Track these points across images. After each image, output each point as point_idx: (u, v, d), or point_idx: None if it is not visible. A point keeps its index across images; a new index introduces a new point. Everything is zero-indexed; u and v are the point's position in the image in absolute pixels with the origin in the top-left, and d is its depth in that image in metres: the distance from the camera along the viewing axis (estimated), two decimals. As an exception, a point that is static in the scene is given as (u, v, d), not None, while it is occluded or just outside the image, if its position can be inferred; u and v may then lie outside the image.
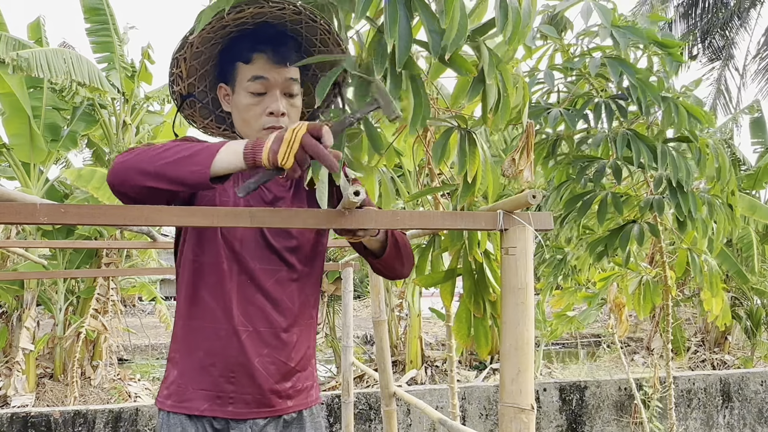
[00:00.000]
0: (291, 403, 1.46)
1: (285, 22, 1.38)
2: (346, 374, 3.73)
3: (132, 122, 7.90)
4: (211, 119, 1.55)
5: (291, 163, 1.03)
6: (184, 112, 1.52)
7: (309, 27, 1.38)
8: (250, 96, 1.38)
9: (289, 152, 1.03)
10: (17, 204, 0.92)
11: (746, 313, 9.25)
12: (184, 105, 1.49)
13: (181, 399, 1.41)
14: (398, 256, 1.44)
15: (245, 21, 1.35)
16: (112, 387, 7.70)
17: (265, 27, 1.37)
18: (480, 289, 1.59)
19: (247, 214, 1.03)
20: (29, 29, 7.58)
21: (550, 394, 5.99)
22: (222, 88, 1.45)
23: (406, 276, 1.53)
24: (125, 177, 1.18)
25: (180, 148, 1.16)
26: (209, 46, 1.40)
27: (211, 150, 1.12)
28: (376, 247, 1.41)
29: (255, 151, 1.08)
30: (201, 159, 1.11)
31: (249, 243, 1.41)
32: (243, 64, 1.38)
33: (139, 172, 1.16)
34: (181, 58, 1.38)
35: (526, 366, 1.08)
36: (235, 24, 1.35)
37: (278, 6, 1.30)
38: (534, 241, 1.10)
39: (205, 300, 1.40)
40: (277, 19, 1.36)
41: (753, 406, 6.36)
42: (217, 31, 1.35)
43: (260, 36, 1.37)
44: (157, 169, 1.14)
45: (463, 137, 1.39)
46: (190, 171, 1.11)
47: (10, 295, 7.50)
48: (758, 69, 11.93)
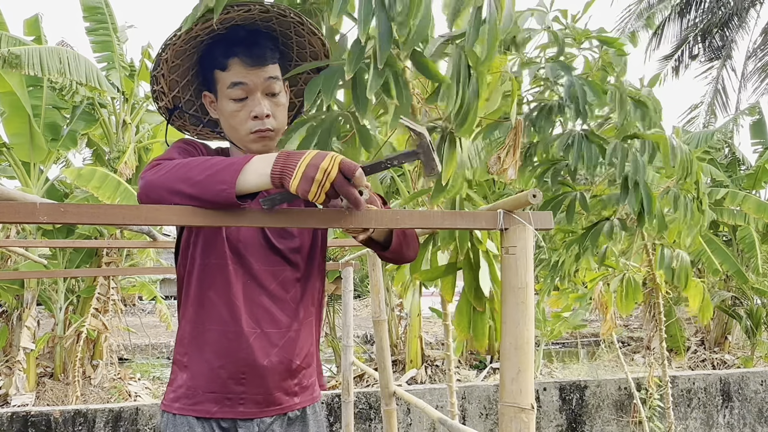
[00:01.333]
0: (297, 400, 1.48)
1: (255, 22, 1.36)
2: (346, 373, 3.73)
3: (132, 121, 7.90)
4: (203, 126, 1.55)
5: (322, 200, 1.02)
6: (175, 124, 1.52)
7: (280, 21, 1.37)
8: (232, 102, 1.37)
9: (321, 191, 1.01)
10: (17, 203, 0.92)
11: (746, 312, 9.25)
12: (173, 117, 1.49)
13: (191, 402, 1.41)
14: (405, 242, 1.44)
15: (213, 27, 1.33)
16: (113, 386, 7.71)
17: (236, 30, 1.36)
18: (480, 283, 1.60)
19: (247, 214, 1.03)
20: (26, 25, 7.53)
21: (550, 394, 5.99)
22: (206, 96, 1.44)
23: (414, 259, 1.52)
24: (157, 197, 1.16)
25: (205, 164, 1.13)
26: (185, 57, 1.39)
27: (236, 167, 1.08)
28: (384, 238, 1.41)
29: (283, 176, 1.04)
30: (226, 176, 1.07)
31: (252, 245, 1.42)
32: (220, 71, 1.37)
33: (169, 192, 1.14)
34: (159, 75, 1.38)
35: (526, 365, 1.08)
36: (206, 33, 1.34)
37: (245, 8, 1.30)
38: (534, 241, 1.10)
39: (213, 302, 1.40)
40: (246, 21, 1.35)
41: (753, 406, 6.36)
42: (188, 42, 1.34)
43: (232, 40, 1.35)
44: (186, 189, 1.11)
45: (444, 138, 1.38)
46: (215, 191, 1.07)
47: (11, 295, 7.49)
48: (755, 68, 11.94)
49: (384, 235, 1.40)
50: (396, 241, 1.40)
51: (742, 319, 9.19)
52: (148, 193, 1.18)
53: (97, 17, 7.54)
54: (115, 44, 7.60)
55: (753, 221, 8.18)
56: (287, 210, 1.08)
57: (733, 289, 9.27)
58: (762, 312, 9.13)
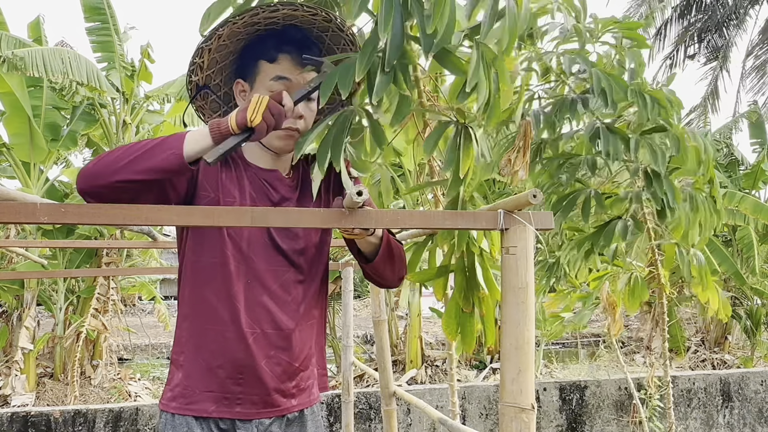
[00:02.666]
0: (295, 402, 1.48)
1: (312, 28, 1.39)
2: (346, 374, 3.73)
3: (132, 122, 7.89)
4: (220, 114, 1.56)
5: (259, 120, 1.16)
6: (196, 103, 1.52)
7: (334, 36, 1.40)
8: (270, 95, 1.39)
9: (257, 112, 1.16)
10: (17, 204, 0.92)
11: (746, 312, 9.25)
12: (197, 96, 1.50)
13: (188, 401, 1.41)
14: (390, 262, 1.45)
15: (276, 21, 1.36)
16: (112, 386, 7.70)
17: (292, 30, 1.38)
18: (471, 286, 1.60)
19: (249, 214, 1.03)
20: (29, 28, 7.57)
21: (550, 394, 5.99)
22: (239, 83, 1.45)
23: (395, 286, 1.55)
24: (97, 179, 1.20)
25: (146, 141, 1.23)
26: (235, 40, 1.40)
27: (179, 135, 1.21)
28: (369, 251, 1.41)
29: (220, 122, 1.18)
30: (172, 143, 1.19)
31: (257, 244, 1.41)
32: (267, 62, 1.39)
33: (112, 170, 1.19)
34: (205, 49, 1.39)
35: (526, 365, 1.09)
36: (266, 23, 1.36)
37: (311, 12, 1.32)
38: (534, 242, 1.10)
39: (211, 301, 1.40)
40: (306, 24, 1.38)
41: (753, 406, 6.36)
42: (247, 27, 1.36)
43: (287, 37, 1.38)
44: (130, 162, 1.18)
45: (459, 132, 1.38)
46: (164, 156, 1.18)
47: (10, 295, 7.49)
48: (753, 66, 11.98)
49: (371, 248, 1.40)
50: (381, 255, 1.40)
51: (742, 319, 9.18)
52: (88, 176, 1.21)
53: (98, 17, 7.53)
54: (116, 44, 7.60)
55: (752, 221, 8.17)
56: (288, 209, 1.08)
57: (733, 289, 9.26)
58: (762, 312, 9.13)
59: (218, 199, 1.40)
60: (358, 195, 1.05)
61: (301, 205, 1.48)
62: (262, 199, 1.44)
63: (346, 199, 1.09)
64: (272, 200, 1.45)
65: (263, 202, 1.44)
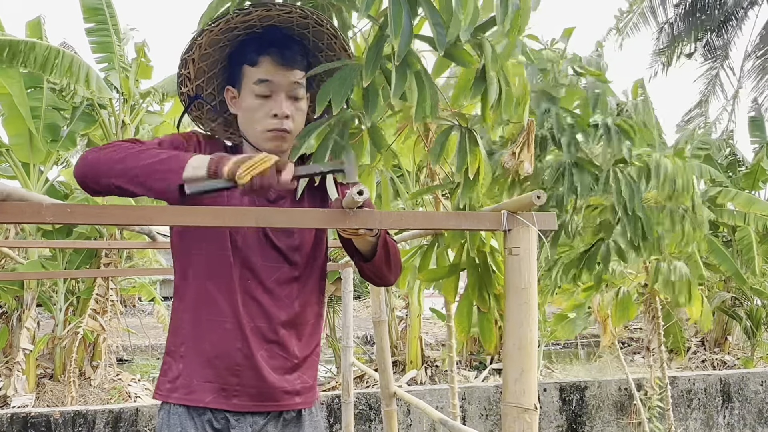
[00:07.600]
0: (292, 400, 1.48)
1: (292, 26, 1.39)
2: (346, 374, 3.73)
3: (131, 122, 7.88)
4: (218, 122, 1.56)
5: (246, 181, 1.13)
6: (192, 114, 1.53)
7: (316, 31, 1.40)
8: (255, 98, 1.39)
9: (249, 172, 1.13)
10: (23, 203, 0.92)
11: (746, 313, 9.24)
12: (191, 107, 1.50)
13: (186, 391, 1.42)
14: (387, 260, 1.46)
15: (253, 24, 1.36)
16: (112, 387, 7.69)
17: (273, 30, 1.39)
18: (485, 283, 1.60)
19: (252, 214, 1.03)
20: (28, 27, 7.54)
21: (551, 394, 5.99)
22: (229, 90, 1.46)
23: (392, 283, 1.55)
24: (97, 173, 1.24)
25: (151, 151, 1.23)
26: (217, 48, 1.41)
27: (181, 159, 1.20)
28: (367, 250, 1.42)
29: (219, 162, 1.17)
30: (173, 166, 1.19)
31: (251, 239, 1.43)
32: (249, 66, 1.39)
33: (112, 172, 1.22)
34: (189, 59, 1.40)
35: (529, 366, 1.09)
36: (243, 27, 1.36)
37: (285, 10, 1.32)
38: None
39: (212, 292, 1.41)
40: (284, 23, 1.38)
41: (753, 407, 6.36)
42: (225, 33, 1.37)
43: (267, 39, 1.38)
44: (130, 172, 1.21)
45: (464, 135, 1.39)
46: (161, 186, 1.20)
47: (10, 296, 7.48)
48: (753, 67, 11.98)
49: (368, 247, 1.41)
50: (379, 255, 1.41)
51: (742, 319, 9.18)
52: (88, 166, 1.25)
53: (97, 18, 7.52)
54: (116, 45, 7.59)
55: (753, 221, 8.16)
56: (292, 210, 1.09)
57: (733, 289, 9.26)
58: (762, 312, 9.12)
59: (223, 198, 1.41)
60: (359, 194, 1.05)
61: (296, 203, 1.49)
62: (260, 197, 1.45)
63: (346, 198, 1.10)
64: (269, 198, 1.47)
65: (260, 201, 1.45)
